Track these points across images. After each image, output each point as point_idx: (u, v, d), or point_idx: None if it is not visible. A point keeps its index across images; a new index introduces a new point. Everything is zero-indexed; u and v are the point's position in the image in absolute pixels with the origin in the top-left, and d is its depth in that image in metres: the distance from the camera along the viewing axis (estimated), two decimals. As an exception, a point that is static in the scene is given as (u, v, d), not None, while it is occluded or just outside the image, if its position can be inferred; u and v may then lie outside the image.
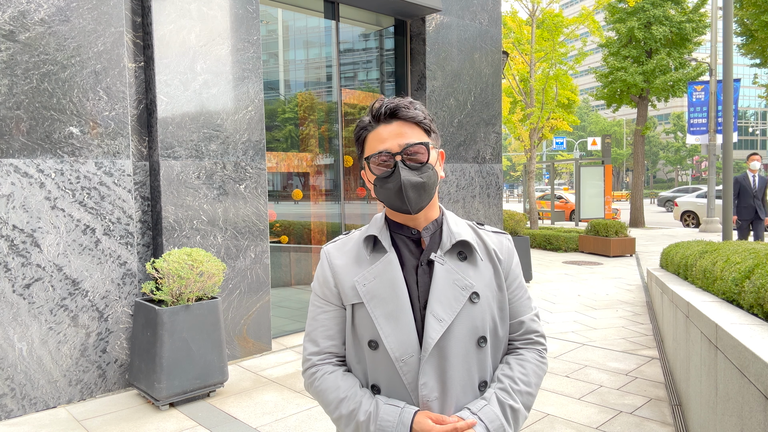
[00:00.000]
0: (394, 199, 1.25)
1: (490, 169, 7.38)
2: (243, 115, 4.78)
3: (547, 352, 1.42)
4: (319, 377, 1.33)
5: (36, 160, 3.73)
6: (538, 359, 1.37)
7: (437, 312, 1.24)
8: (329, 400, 1.29)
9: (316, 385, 1.33)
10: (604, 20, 19.05)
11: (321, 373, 1.33)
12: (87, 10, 3.93)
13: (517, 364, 1.34)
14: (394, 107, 1.25)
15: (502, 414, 1.25)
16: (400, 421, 1.19)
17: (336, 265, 1.34)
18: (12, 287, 3.65)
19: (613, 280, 8.51)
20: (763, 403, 1.73)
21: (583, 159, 17.88)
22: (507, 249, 1.39)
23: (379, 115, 1.26)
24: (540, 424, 3.45)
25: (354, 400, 1.26)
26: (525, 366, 1.34)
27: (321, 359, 1.34)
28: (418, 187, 1.24)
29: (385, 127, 1.26)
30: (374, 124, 1.28)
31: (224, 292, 4.65)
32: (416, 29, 6.55)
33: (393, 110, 1.25)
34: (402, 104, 1.26)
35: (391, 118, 1.26)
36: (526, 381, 1.31)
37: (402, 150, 1.23)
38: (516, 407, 1.27)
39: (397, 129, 1.25)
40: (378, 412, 1.22)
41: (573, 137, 59.38)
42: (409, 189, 1.23)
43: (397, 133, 1.24)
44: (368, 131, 1.29)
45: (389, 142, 1.24)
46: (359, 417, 1.23)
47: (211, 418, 3.62)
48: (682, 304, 3.48)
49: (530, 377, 1.33)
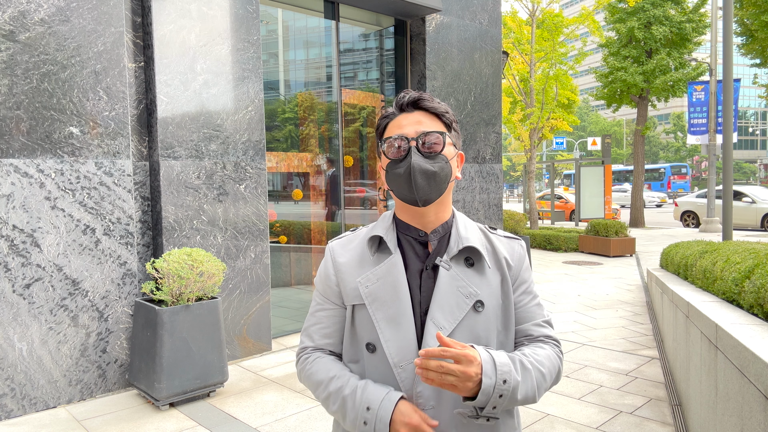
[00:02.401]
0: (402, 186, 1.23)
1: (490, 169, 7.38)
2: (243, 115, 4.78)
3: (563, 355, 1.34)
4: (311, 361, 1.33)
5: (36, 160, 3.73)
6: (553, 351, 1.29)
7: (438, 319, 1.21)
8: (319, 380, 1.28)
9: (307, 368, 1.32)
10: (604, 20, 19.04)
11: (313, 358, 1.33)
12: (87, 10, 3.93)
13: (528, 348, 1.28)
14: (417, 97, 1.26)
15: (511, 362, 1.15)
16: (387, 398, 1.17)
17: (339, 263, 1.32)
18: (12, 287, 3.65)
19: (613, 280, 8.51)
20: (763, 403, 1.73)
21: (583, 159, 17.88)
22: (518, 255, 1.34)
23: (402, 104, 1.27)
24: (540, 424, 3.45)
25: (343, 378, 1.25)
26: (537, 350, 1.26)
27: (314, 350, 1.35)
28: (429, 175, 1.21)
29: (406, 115, 1.26)
30: (396, 113, 1.29)
31: (224, 292, 4.65)
32: (416, 29, 6.55)
33: (416, 100, 1.26)
34: (425, 96, 1.27)
35: (413, 108, 1.27)
36: (539, 359, 1.22)
37: (417, 136, 1.23)
38: (527, 366, 1.18)
39: (417, 117, 1.25)
40: (366, 388, 1.20)
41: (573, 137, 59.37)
42: (419, 175, 1.21)
43: (416, 121, 1.25)
44: (390, 119, 1.29)
45: (407, 128, 1.24)
46: (345, 392, 1.22)
47: (211, 418, 3.62)
48: (682, 304, 3.48)
49: (543, 358, 1.24)
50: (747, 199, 16.76)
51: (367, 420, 1.16)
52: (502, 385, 1.10)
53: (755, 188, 17.72)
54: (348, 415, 1.20)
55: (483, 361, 1.10)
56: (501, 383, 1.10)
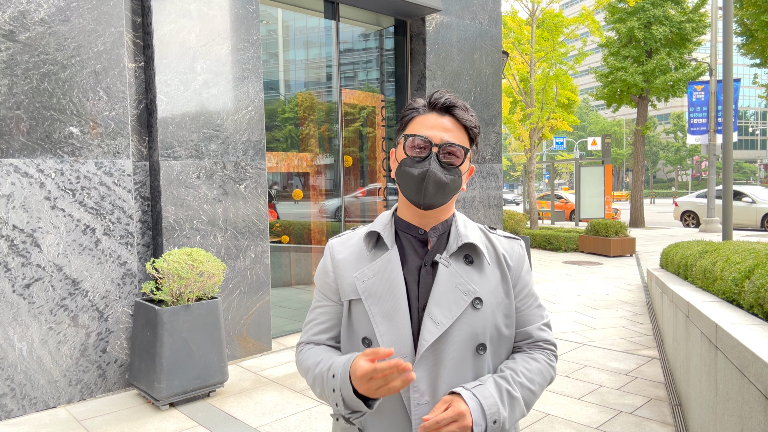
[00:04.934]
0: (411, 186, 1.24)
1: (490, 169, 7.38)
2: (243, 115, 4.78)
3: (557, 360, 1.37)
4: (306, 350, 1.35)
5: (36, 160, 3.73)
6: (547, 361, 1.32)
7: (435, 315, 1.22)
8: (308, 366, 1.30)
9: (301, 359, 1.35)
10: (604, 20, 19.05)
11: (309, 346, 1.36)
12: (87, 10, 3.93)
13: (522, 359, 1.30)
14: (452, 104, 1.25)
15: (498, 395, 1.19)
16: (347, 361, 1.18)
17: (337, 259, 1.33)
18: (12, 287, 3.65)
19: (613, 280, 8.51)
20: (763, 403, 1.73)
21: (583, 159, 17.88)
22: (518, 255, 1.35)
23: (436, 103, 1.26)
24: (540, 424, 3.45)
25: (327, 362, 1.26)
26: (531, 363, 1.29)
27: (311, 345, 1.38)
28: (440, 185, 1.23)
29: (437, 117, 1.25)
30: (427, 109, 1.27)
31: (224, 292, 4.65)
32: (416, 29, 6.55)
33: (451, 106, 1.25)
34: (460, 104, 1.26)
35: (445, 112, 1.25)
36: (529, 377, 1.26)
37: (442, 144, 1.23)
38: (514, 395, 1.21)
39: (446, 124, 1.24)
40: (335, 360, 1.22)
41: (573, 137, 59.36)
42: (431, 183, 1.22)
43: (444, 128, 1.24)
44: (418, 113, 1.27)
45: (434, 131, 1.23)
46: (322, 369, 1.24)
47: (211, 418, 3.62)
48: (682, 304, 3.48)
49: (534, 375, 1.27)
50: (747, 199, 16.77)
51: (335, 387, 1.18)
52: (492, 426, 1.16)
53: (755, 188, 17.73)
54: (325, 390, 1.22)
55: (472, 410, 1.14)
56: (491, 424, 1.16)
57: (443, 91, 1.27)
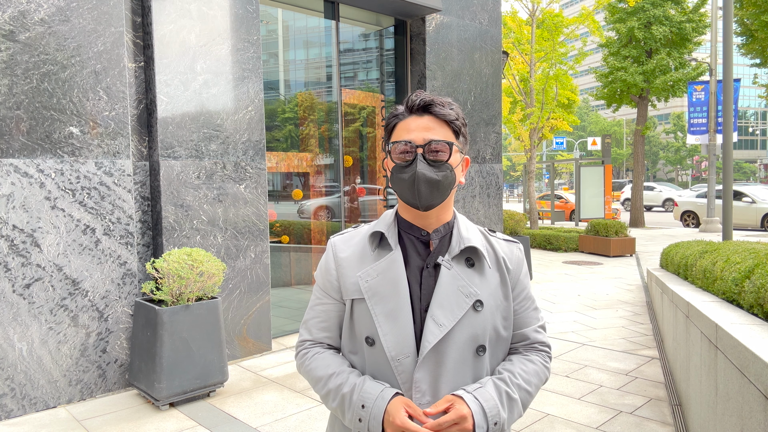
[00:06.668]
0: (405, 191, 1.25)
1: (490, 169, 7.38)
2: (243, 115, 4.78)
3: (551, 362, 1.40)
4: (310, 356, 1.35)
5: (36, 160, 3.73)
6: (542, 362, 1.36)
7: (438, 316, 1.23)
8: (319, 377, 1.30)
9: (307, 364, 1.35)
10: (604, 20, 19.04)
11: (312, 353, 1.35)
12: (87, 10, 3.93)
13: (519, 361, 1.33)
14: (428, 102, 1.25)
15: (498, 397, 1.22)
16: (381, 396, 1.20)
17: (340, 258, 1.34)
18: (12, 287, 3.65)
19: (613, 280, 8.51)
20: (763, 403, 1.73)
21: (583, 159, 17.88)
22: (517, 258, 1.37)
23: (412, 106, 1.26)
24: (540, 424, 3.45)
25: (342, 375, 1.27)
26: (527, 365, 1.32)
27: (313, 344, 1.37)
28: (432, 183, 1.23)
29: (416, 119, 1.25)
30: (406, 114, 1.27)
31: (224, 292, 4.65)
32: (416, 29, 6.55)
33: (427, 104, 1.25)
34: (437, 101, 1.26)
35: (423, 112, 1.26)
36: (526, 378, 1.30)
37: (425, 144, 1.23)
38: (513, 397, 1.25)
39: (426, 123, 1.25)
40: (363, 386, 1.23)
41: (573, 137, 59.36)
42: (422, 183, 1.22)
43: (425, 127, 1.24)
44: (399, 120, 1.28)
45: (415, 133, 1.24)
46: (344, 389, 1.25)
47: (211, 418, 3.62)
48: (682, 304, 3.48)
49: (531, 376, 1.31)
50: (747, 199, 16.76)
51: (362, 417, 1.20)
52: (493, 427, 1.19)
53: (755, 188, 17.72)
54: (346, 413, 1.24)
55: (474, 413, 1.18)
56: (492, 426, 1.19)
57: (419, 92, 1.28)
